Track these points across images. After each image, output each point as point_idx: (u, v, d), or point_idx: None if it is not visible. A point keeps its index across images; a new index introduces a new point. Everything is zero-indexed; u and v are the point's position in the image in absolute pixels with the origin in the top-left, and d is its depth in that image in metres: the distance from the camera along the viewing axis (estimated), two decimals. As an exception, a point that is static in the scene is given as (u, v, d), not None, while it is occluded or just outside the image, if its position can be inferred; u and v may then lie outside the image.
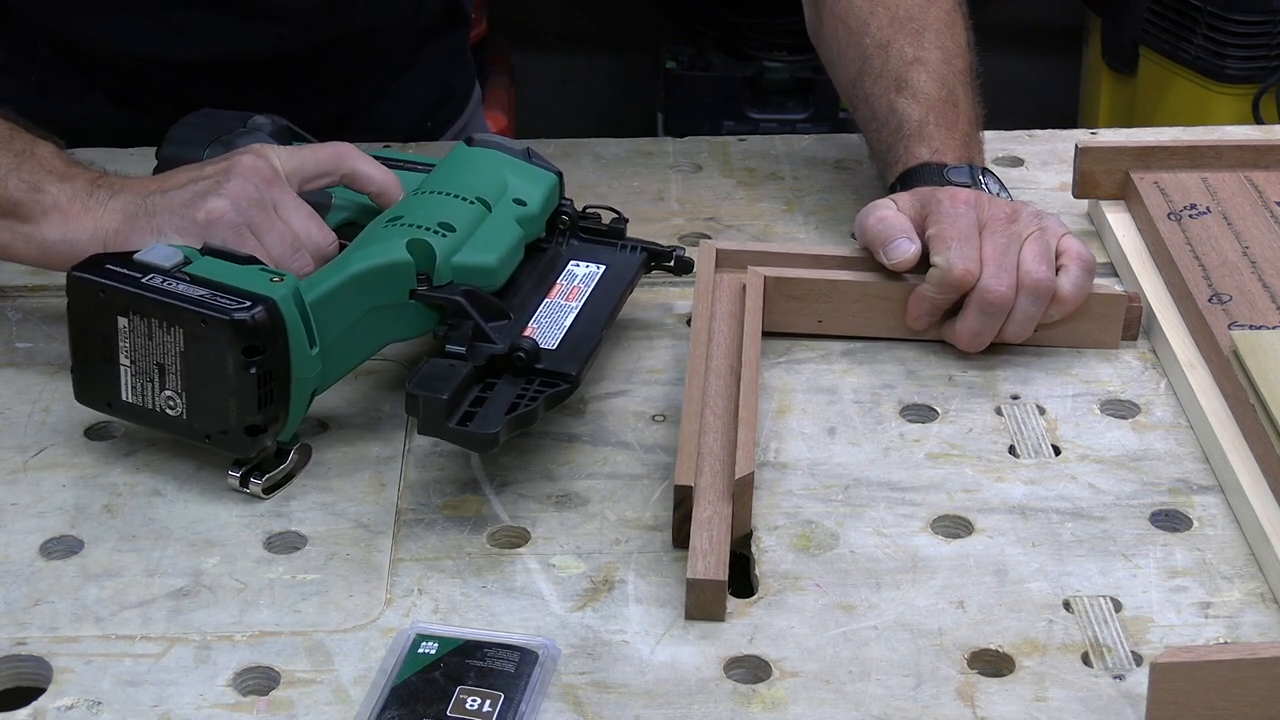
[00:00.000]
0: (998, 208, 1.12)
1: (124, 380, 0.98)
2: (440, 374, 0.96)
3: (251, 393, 0.94)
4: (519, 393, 0.97)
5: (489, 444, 0.94)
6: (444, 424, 0.94)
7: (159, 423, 0.98)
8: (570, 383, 0.99)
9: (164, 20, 1.36)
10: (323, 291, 0.99)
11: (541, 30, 3.22)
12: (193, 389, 0.96)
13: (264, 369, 0.94)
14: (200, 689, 0.86)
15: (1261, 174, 1.26)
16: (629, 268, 1.12)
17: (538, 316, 1.05)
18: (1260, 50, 2.54)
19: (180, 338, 0.95)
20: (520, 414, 0.96)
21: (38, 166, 1.08)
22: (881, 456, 1.03)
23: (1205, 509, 0.99)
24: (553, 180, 1.12)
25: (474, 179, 1.09)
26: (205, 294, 0.95)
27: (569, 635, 0.89)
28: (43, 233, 1.07)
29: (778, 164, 1.39)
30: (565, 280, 1.09)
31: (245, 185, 1.05)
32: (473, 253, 1.03)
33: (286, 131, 1.17)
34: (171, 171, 1.10)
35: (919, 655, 0.88)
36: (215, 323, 0.93)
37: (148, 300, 0.95)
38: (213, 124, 1.18)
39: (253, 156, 1.08)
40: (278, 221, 1.05)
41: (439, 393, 0.94)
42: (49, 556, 0.95)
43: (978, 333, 1.10)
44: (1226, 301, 1.11)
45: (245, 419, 0.95)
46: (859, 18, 1.28)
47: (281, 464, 0.99)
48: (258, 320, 0.94)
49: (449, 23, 1.52)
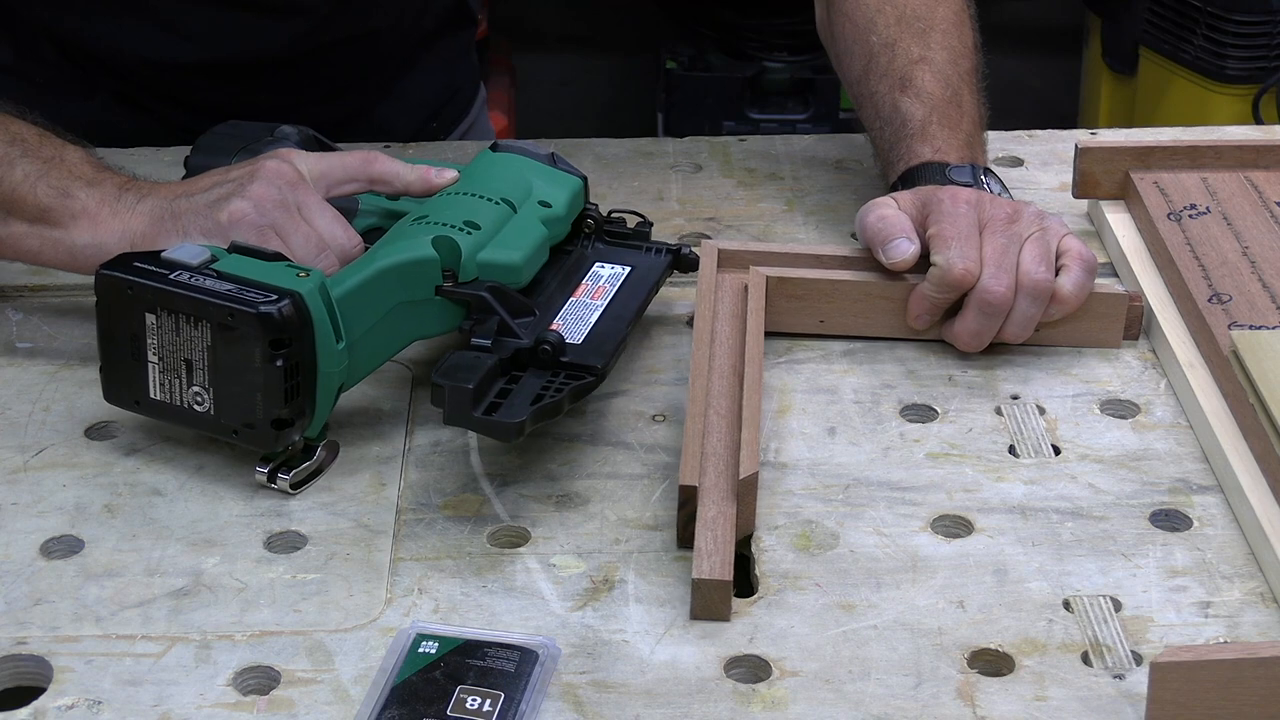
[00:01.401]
0: (999, 207, 1.12)
1: (152, 377, 0.98)
2: (466, 364, 0.96)
3: (278, 386, 0.95)
4: (544, 384, 0.98)
5: (514, 433, 0.94)
6: (469, 413, 0.94)
7: (187, 419, 0.98)
8: (596, 375, 0.99)
9: (169, 22, 1.36)
10: (349, 287, 0.99)
11: (542, 31, 3.22)
12: (220, 384, 0.96)
13: (290, 362, 0.95)
14: (201, 688, 0.86)
15: (1261, 174, 1.26)
16: (654, 270, 1.13)
17: (563, 314, 1.05)
18: (1260, 50, 2.54)
19: (208, 332, 0.95)
20: (546, 404, 0.96)
21: (66, 172, 1.09)
22: (881, 456, 1.03)
23: (1205, 509, 0.99)
24: (577, 184, 1.13)
25: (499, 182, 1.10)
26: (232, 289, 0.95)
27: (569, 635, 0.89)
28: (72, 238, 1.08)
29: (778, 164, 1.39)
30: (590, 281, 1.10)
31: (268, 188, 1.06)
32: (498, 250, 1.04)
33: (313, 140, 1.18)
34: (198, 175, 1.11)
35: (919, 655, 0.88)
36: (242, 316, 0.94)
37: (175, 296, 0.96)
38: (240, 133, 1.19)
39: (277, 160, 1.08)
40: (302, 223, 1.06)
41: (464, 382, 0.94)
42: (49, 556, 0.95)
43: (977, 333, 1.10)
44: (1226, 301, 1.11)
45: (272, 412, 0.95)
46: (866, 15, 1.28)
47: (308, 460, 1.00)
48: (284, 313, 0.94)
49: (455, 23, 1.52)
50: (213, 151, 1.17)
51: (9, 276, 1.20)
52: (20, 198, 1.08)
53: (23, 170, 1.09)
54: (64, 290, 1.18)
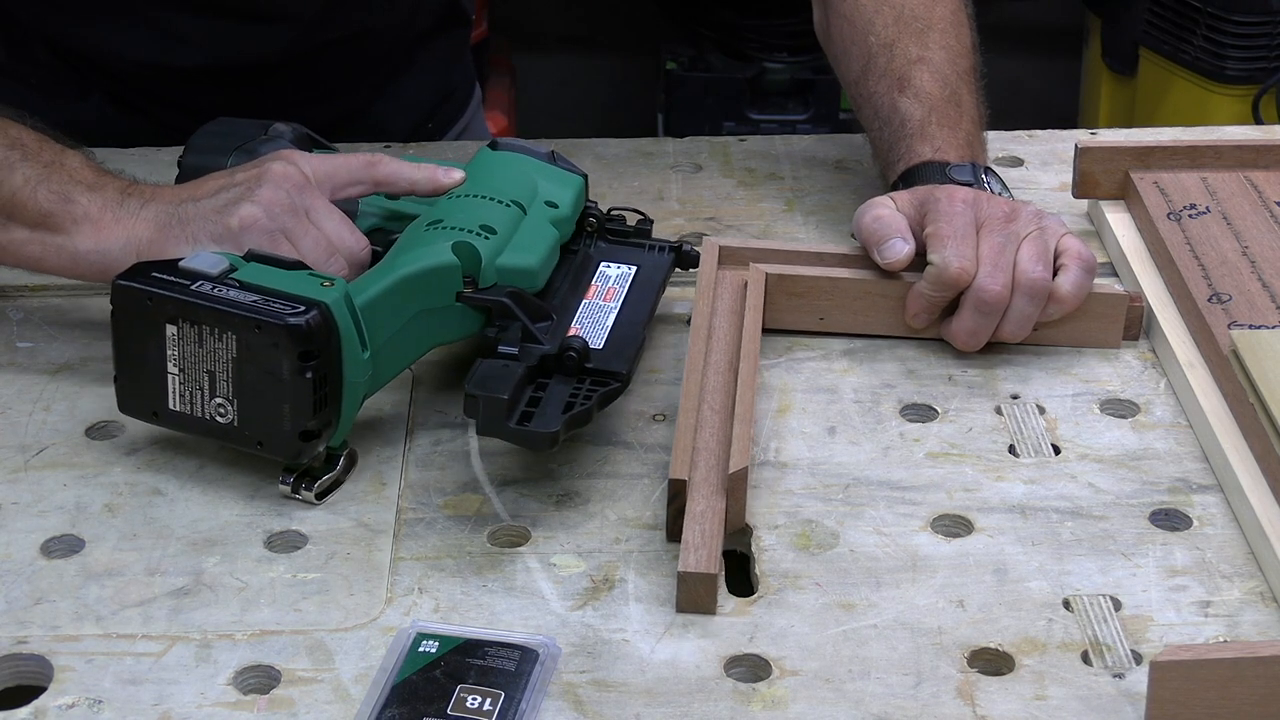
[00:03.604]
0: (996, 206, 1.12)
1: (171, 389, 0.97)
2: (497, 374, 0.96)
3: (307, 398, 0.94)
4: (572, 392, 0.98)
5: (549, 443, 0.94)
6: (504, 424, 0.93)
7: (208, 430, 0.97)
8: (621, 381, 0.99)
9: (163, 26, 1.36)
10: (372, 295, 0.98)
11: (542, 31, 3.22)
12: (244, 395, 0.95)
13: (319, 373, 0.94)
14: (201, 687, 0.86)
15: (1261, 174, 1.26)
16: (659, 268, 1.13)
17: (579, 317, 1.05)
18: (1260, 51, 2.54)
19: (233, 344, 0.94)
20: (577, 412, 0.96)
21: (67, 177, 1.08)
22: (881, 456, 1.03)
23: (1205, 508, 0.99)
24: (579, 182, 1.13)
25: (506, 182, 1.09)
26: (257, 300, 0.94)
27: (569, 634, 0.89)
28: (74, 244, 1.06)
29: (778, 164, 1.39)
30: (600, 282, 1.10)
31: (277, 192, 1.05)
32: (514, 255, 1.03)
33: (307, 139, 1.17)
34: (202, 179, 1.10)
35: (919, 654, 0.88)
36: (270, 328, 0.93)
37: (199, 307, 0.94)
38: (234, 131, 1.17)
39: (283, 163, 1.07)
40: (311, 227, 1.05)
41: (498, 393, 0.94)
42: (50, 555, 0.95)
43: (973, 332, 1.10)
44: (1226, 301, 1.11)
45: (300, 424, 0.95)
46: (864, 16, 1.28)
47: (331, 470, 0.99)
48: (313, 325, 0.93)
49: (448, 23, 1.52)
50: (207, 151, 1.16)
51: (10, 276, 1.19)
52: (21, 203, 1.07)
53: (23, 175, 1.07)
54: (65, 290, 1.18)
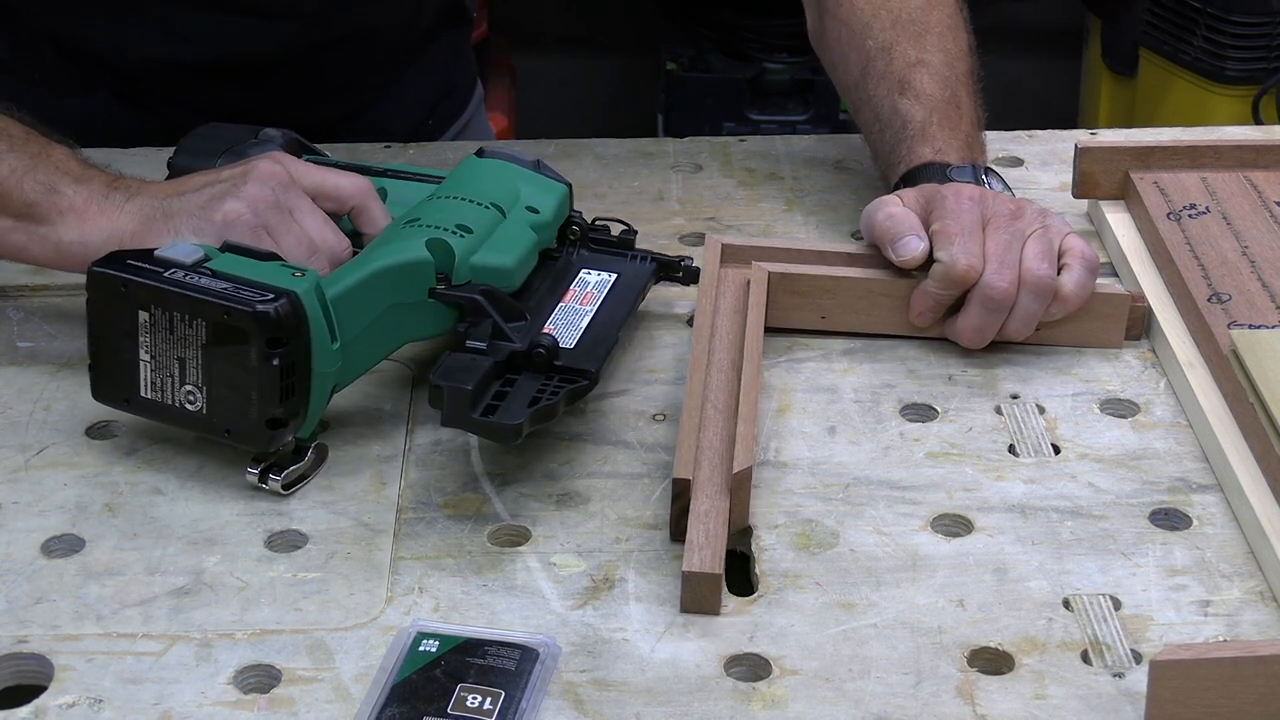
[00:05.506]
0: (1002, 204, 1.12)
1: (143, 376, 0.98)
2: (463, 366, 0.97)
3: (273, 385, 0.95)
4: (539, 388, 0.98)
5: (513, 434, 0.94)
6: (468, 415, 0.94)
7: (178, 418, 0.98)
8: (589, 379, 1.00)
9: (167, 22, 1.36)
10: (344, 288, 0.99)
11: (542, 32, 3.22)
12: (214, 383, 0.96)
13: (286, 362, 0.95)
14: (201, 687, 0.86)
15: (1261, 174, 1.26)
16: (640, 277, 1.13)
17: (554, 319, 1.06)
18: (1260, 51, 2.54)
19: (203, 331, 0.95)
20: (543, 407, 0.96)
21: (53, 168, 1.09)
22: (881, 455, 1.03)
23: (1204, 508, 0.99)
24: (563, 190, 1.14)
25: (488, 186, 1.10)
26: (228, 287, 0.95)
27: (569, 633, 0.89)
28: (58, 234, 1.07)
29: (778, 164, 1.39)
30: (578, 287, 1.11)
31: (262, 189, 1.06)
32: (490, 254, 1.05)
33: (296, 144, 1.18)
34: (188, 175, 1.11)
35: (919, 653, 0.88)
36: (238, 314, 0.94)
37: (171, 294, 0.95)
38: (224, 135, 1.19)
39: (270, 162, 1.08)
40: (294, 225, 1.06)
41: (463, 384, 0.94)
42: (50, 555, 0.95)
43: (979, 329, 1.10)
44: (1226, 301, 1.11)
45: (266, 412, 0.95)
46: (861, 21, 1.29)
47: (299, 461, 1.00)
48: (281, 312, 0.94)
49: (450, 22, 1.53)
50: (196, 153, 1.17)
51: (11, 276, 1.20)
52: (6, 192, 1.07)
53: (9, 165, 1.08)
54: (65, 290, 1.18)
